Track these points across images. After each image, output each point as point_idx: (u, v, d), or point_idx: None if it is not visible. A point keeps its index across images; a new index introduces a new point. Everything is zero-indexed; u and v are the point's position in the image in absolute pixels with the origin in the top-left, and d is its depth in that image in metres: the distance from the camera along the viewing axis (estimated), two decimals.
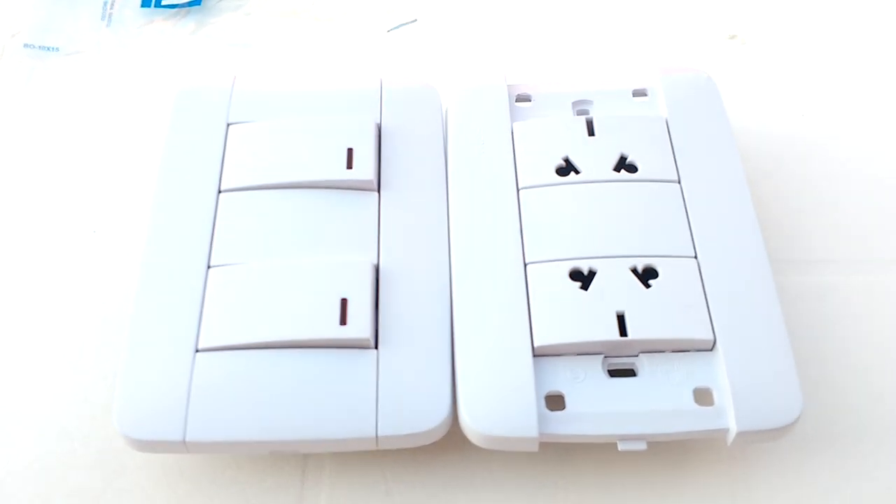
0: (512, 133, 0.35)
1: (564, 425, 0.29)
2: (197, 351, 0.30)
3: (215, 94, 0.37)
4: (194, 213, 0.33)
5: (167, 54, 0.45)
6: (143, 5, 0.47)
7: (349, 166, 0.34)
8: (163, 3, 0.47)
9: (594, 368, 0.30)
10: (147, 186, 0.35)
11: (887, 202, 0.39)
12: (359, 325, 0.30)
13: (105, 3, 0.47)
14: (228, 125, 0.36)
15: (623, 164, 0.34)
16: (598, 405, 0.29)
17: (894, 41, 0.45)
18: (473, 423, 0.29)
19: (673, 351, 0.30)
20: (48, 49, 0.45)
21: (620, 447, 0.29)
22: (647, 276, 0.31)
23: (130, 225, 0.38)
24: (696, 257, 0.31)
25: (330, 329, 0.30)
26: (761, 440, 0.29)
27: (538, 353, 0.30)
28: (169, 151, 0.35)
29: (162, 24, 0.46)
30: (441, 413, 0.29)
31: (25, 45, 0.45)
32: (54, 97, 0.43)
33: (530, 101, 0.37)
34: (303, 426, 0.29)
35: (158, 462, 0.32)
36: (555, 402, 0.29)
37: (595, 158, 0.34)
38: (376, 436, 0.29)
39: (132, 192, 0.39)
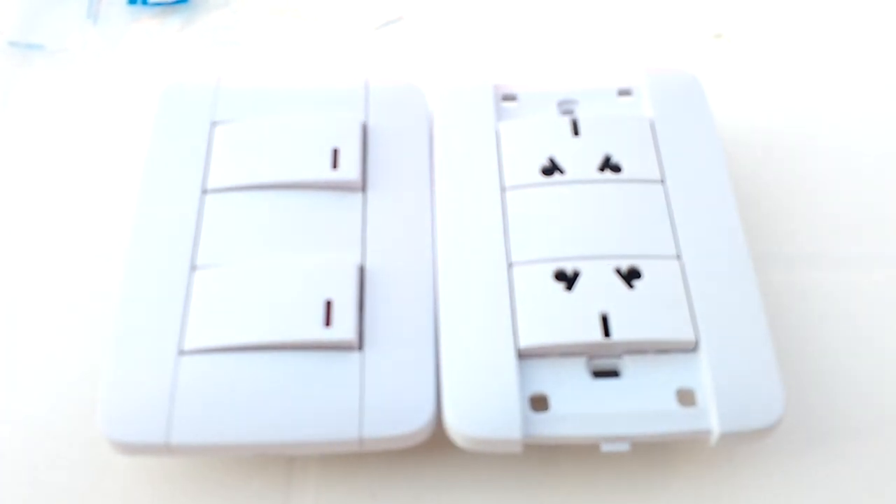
0: (497, 133, 0.35)
1: (548, 427, 0.29)
2: (181, 353, 0.30)
3: (200, 93, 0.37)
4: (178, 213, 0.33)
5: (154, 52, 0.45)
6: (129, 3, 0.47)
7: (334, 166, 0.34)
8: (149, 0, 0.47)
9: (578, 369, 0.30)
10: (132, 186, 0.35)
11: (872, 199, 0.39)
12: (343, 327, 0.30)
13: (91, 1, 0.47)
14: (213, 124, 0.36)
15: (608, 164, 0.34)
16: (581, 406, 0.29)
17: (879, 39, 0.45)
18: (458, 425, 0.29)
19: (656, 352, 0.30)
20: (33, 47, 0.45)
21: (604, 448, 0.29)
22: (630, 276, 0.31)
23: (115, 225, 0.37)
24: (679, 258, 0.31)
25: (314, 330, 0.30)
26: (744, 441, 0.29)
27: (523, 355, 0.30)
28: (153, 151, 0.35)
29: (148, 22, 0.46)
30: (425, 415, 0.29)
31: (10, 43, 0.45)
32: (39, 95, 0.43)
33: (516, 100, 0.37)
34: (287, 428, 0.29)
35: (143, 464, 0.32)
36: (539, 403, 0.29)
37: (580, 158, 0.34)
38: (361, 438, 0.29)
39: (116, 192, 0.39)
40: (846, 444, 0.32)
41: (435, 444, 0.30)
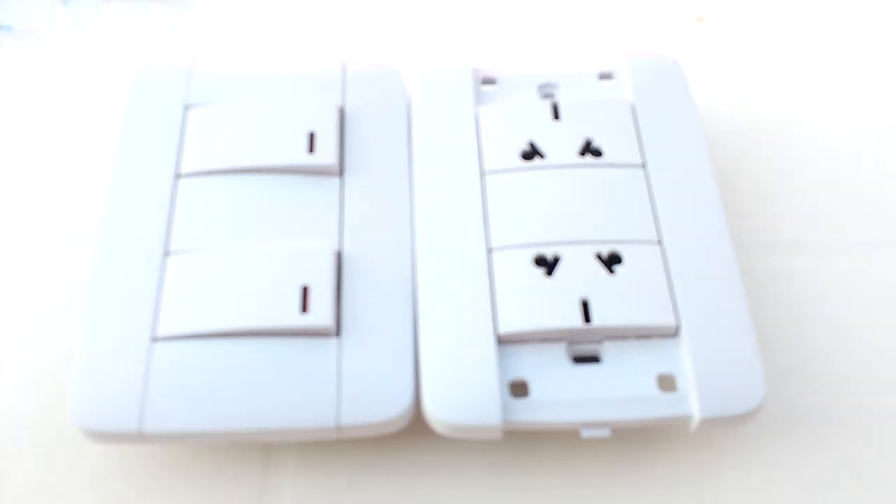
0: (476, 117, 0.34)
1: (528, 413, 0.29)
2: (154, 339, 0.29)
3: (173, 75, 0.36)
4: (151, 198, 0.32)
5: (125, 33, 0.44)
6: None
7: (311, 150, 0.33)
8: None
9: (558, 355, 0.30)
10: (104, 170, 0.34)
11: (854, 184, 0.39)
12: (320, 313, 0.30)
13: None
14: (187, 107, 0.35)
15: (588, 149, 0.33)
16: (562, 392, 0.29)
17: (861, 24, 0.45)
18: (436, 412, 0.28)
19: (637, 337, 0.30)
20: (0, 27, 0.44)
21: (584, 434, 0.29)
22: (611, 262, 0.31)
23: (86, 210, 0.37)
24: (660, 243, 0.31)
25: (291, 317, 0.29)
26: (725, 426, 0.29)
27: (502, 341, 0.30)
28: (125, 134, 0.34)
29: (120, 3, 0.45)
30: (404, 401, 0.29)
31: None
32: (6, 77, 0.42)
33: (495, 83, 0.36)
34: (263, 416, 0.28)
35: (116, 452, 0.31)
36: (519, 389, 0.29)
37: (560, 143, 0.33)
38: (338, 425, 0.28)
39: (88, 176, 0.38)
40: (826, 429, 0.32)
41: (414, 430, 0.30)
